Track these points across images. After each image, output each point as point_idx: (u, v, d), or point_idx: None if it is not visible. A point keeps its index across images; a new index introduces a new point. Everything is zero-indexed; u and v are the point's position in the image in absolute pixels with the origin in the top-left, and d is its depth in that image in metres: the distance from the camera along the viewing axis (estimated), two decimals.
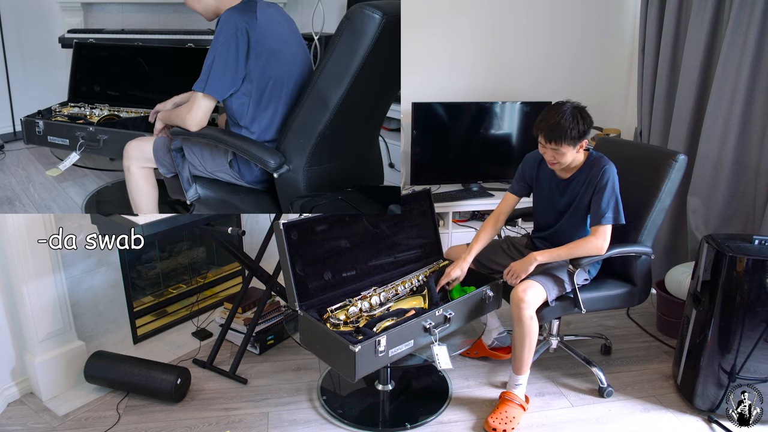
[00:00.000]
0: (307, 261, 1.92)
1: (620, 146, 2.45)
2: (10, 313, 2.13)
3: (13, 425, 2.05)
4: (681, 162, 2.07)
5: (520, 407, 2.05)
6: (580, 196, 2.03)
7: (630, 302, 2.19)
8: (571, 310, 2.06)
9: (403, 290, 2.06)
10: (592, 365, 2.26)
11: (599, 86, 3.42)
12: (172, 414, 2.11)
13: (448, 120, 3.14)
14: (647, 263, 2.15)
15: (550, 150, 1.95)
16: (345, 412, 2.11)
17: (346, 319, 1.86)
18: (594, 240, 1.97)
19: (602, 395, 2.20)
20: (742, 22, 2.35)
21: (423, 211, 2.29)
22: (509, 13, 3.24)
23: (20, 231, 2.01)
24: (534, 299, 1.95)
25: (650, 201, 2.09)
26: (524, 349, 2.00)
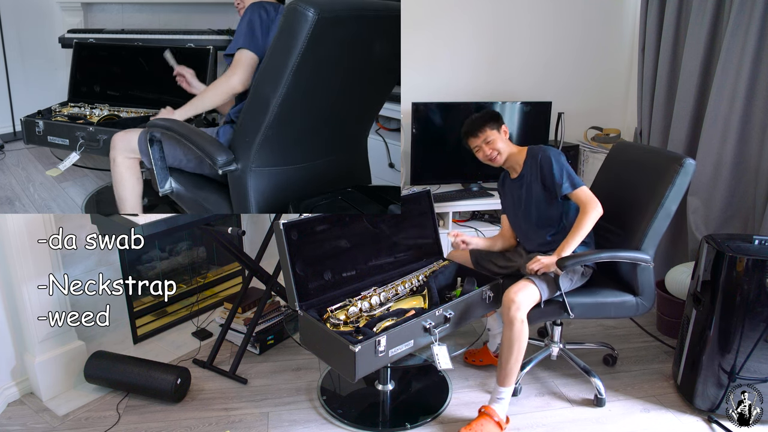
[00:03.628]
0: (307, 261, 1.92)
1: (635, 150, 2.38)
2: (10, 313, 2.13)
3: (13, 425, 2.05)
4: (687, 167, 1.97)
5: (497, 425, 1.95)
6: (530, 184, 2.10)
7: (629, 312, 2.09)
8: (560, 314, 2.02)
9: (403, 290, 2.06)
10: (592, 375, 2.19)
11: (599, 86, 3.42)
12: (172, 414, 2.11)
13: (448, 120, 3.14)
14: (648, 272, 2.06)
15: (483, 145, 2.10)
16: (345, 412, 2.11)
17: (346, 319, 1.86)
18: (585, 213, 1.96)
19: (599, 405, 2.16)
20: (742, 22, 2.35)
21: (423, 212, 2.29)
22: (510, 13, 3.24)
23: (20, 231, 2.02)
24: (526, 300, 1.92)
25: (652, 207, 2.02)
26: (511, 356, 1.92)
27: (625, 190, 2.20)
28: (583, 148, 3.30)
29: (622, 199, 2.18)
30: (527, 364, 2.23)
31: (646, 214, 2.03)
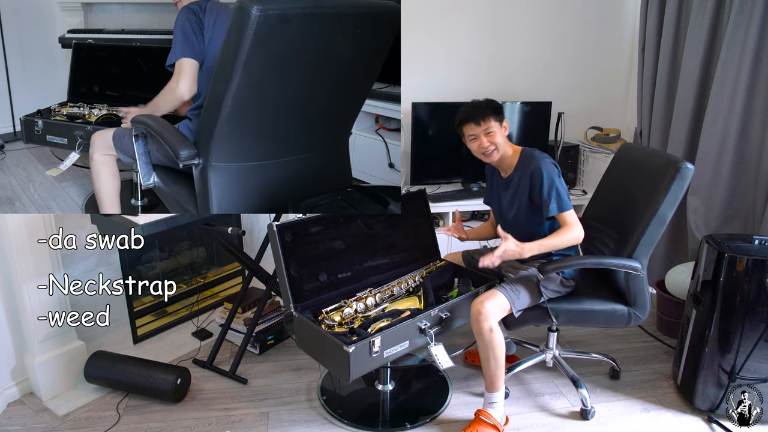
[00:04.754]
0: (302, 262, 1.92)
1: (637, 153, 2.29)
2: (10, 313, 2.13)
3: (13, 425, 2.05)
4: (684, 171, 1.86)
5: (493, 428, 1.93)
6: (520, 191, 2.00)
7: (620, 322, 2.02)
8: (543, 320, 1.99)
9: (399, 291, 2.05)
10: (580, 386, 2.11)
11: (599, 86, 3.42)
12: (172, 414, 2.11)
13: (448, 120, 3.13)
14: (641, 281, 1.96)
15: (482, 135, 1.96)
16: (345, 412, 2.11)
17: (341, 320, 1.85)
18: (565, 231, 1.90)
19: (585, 417, 2.08)
20: (742, 22, 2.35)
21: (419, 212, 2.29)
22: (509, 13, 3.23)
23: (20, 231, 2.01)
24: (493, 310, 1.87)
25: (648, 213, 1.92)
26: (489, 364, 1.90)
27: (624, 194, 2.14)
28: (583, 148, 3.30)
29: (620, 203, 2.15)
30: (514, 368, 2.22)
31: (642, 220, 1.94)
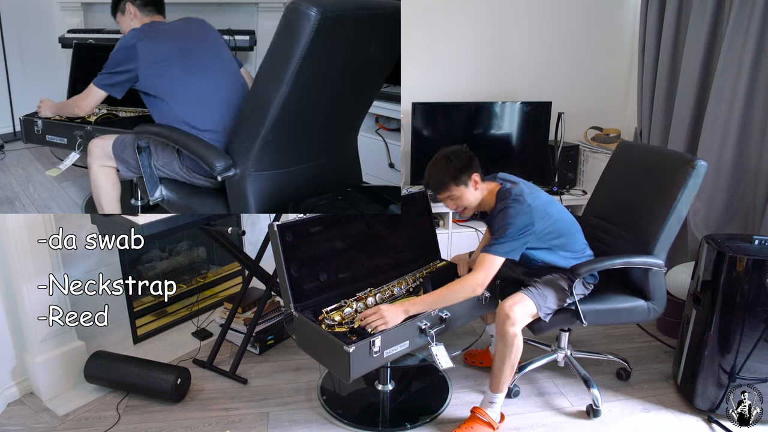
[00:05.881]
0: (303, 262, 1.92)
1: (640, 151, 2.34)
2: (10, 313, 2.13)
3: (13, 425, 2.05)
4: (699, 168, 1.91)
5: (488, 426, 1.95)
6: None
7: (641, 318, 2.05)
8: (571, 322, 2.00)
9: (400, 291, 2.05)
10: (591, 386, 2.12)
11: (599, 86, 3.42)
12: (172, 414, 2.11)
13: (448, 120, 3.14)
14: (660, 276, 2.01)
15: (447, 201, 1.93)
16: (345, 412, 2.11)
17: (342, 320, 1.85)
18: (471, 277, 1.81)
19: (594, 415, 2.09)
20: (742, 22, 2.35)
21: (420, 213, 2.29)
22: (509, 13, 3.24)
23: (20, 231, 2.01)
24: (521, 315, 1.87)
25: (664, 210, 1.96)
26: (504, 366, 1.89)
27: (632, 193, 2.16)
28: (583, 148, 3.30)
29: (628, 202, 2.15)
30: (526, 366, 2.22)
31: (658, 218, 1.97)
